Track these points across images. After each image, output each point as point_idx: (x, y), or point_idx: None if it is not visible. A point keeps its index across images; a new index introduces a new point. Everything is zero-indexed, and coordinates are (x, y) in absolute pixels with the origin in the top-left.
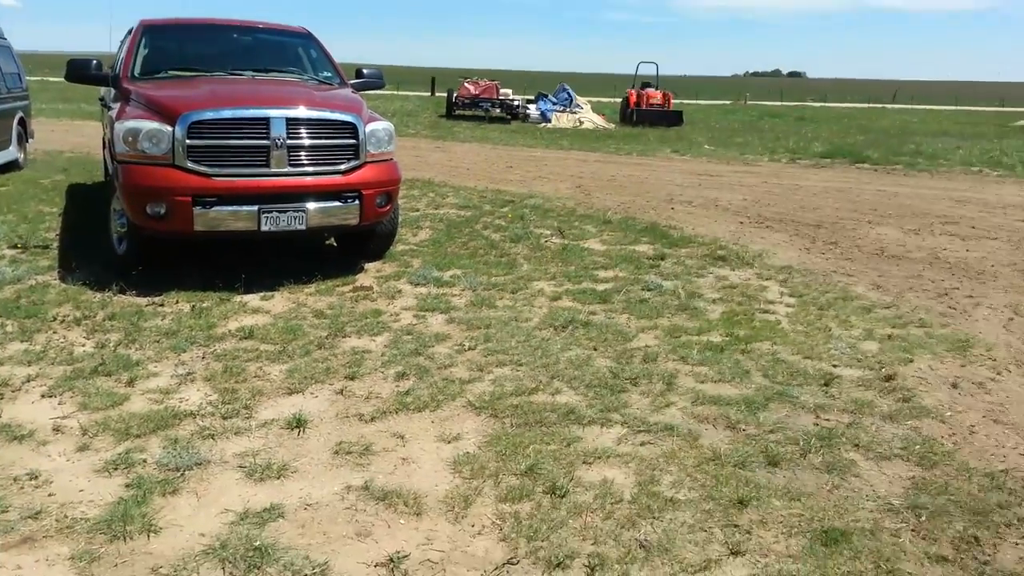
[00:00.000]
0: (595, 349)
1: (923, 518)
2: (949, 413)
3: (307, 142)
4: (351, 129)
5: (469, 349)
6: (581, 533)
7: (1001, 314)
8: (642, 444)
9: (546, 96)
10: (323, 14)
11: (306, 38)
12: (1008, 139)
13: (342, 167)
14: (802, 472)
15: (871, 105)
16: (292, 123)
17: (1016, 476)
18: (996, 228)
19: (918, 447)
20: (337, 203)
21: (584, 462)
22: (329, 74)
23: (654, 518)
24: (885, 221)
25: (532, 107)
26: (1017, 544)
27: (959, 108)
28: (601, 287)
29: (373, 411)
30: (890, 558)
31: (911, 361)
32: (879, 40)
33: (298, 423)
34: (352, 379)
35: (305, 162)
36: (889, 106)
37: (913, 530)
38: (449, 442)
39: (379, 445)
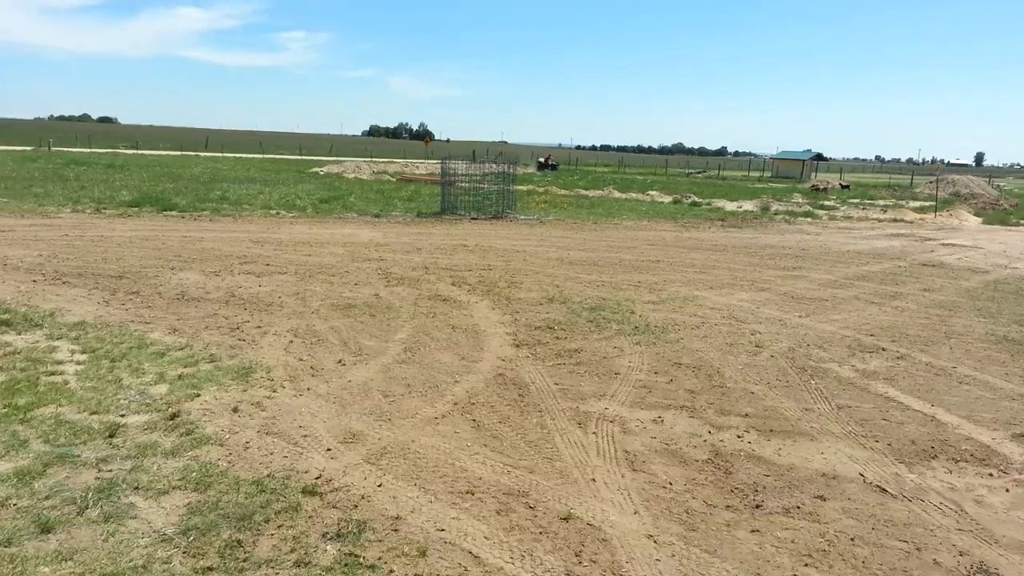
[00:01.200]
0: None
1: (192, 538)
2: (228, 436)
3: None
4: None
5: None
6: None
7: (284, 338)
8: None
9: None
10: None
11: None
12: (303, 184)
13: None
14: (78, 529)
15: (184, 152)
16: None
17: (277, 477)
18: (287, 263)
19: (195, 474)
20: None
21: None
22: None
23: None
24: (188, 266)
25: None
26: (272, 535)
27: (265, 156)
28: None
29: None
30: None
31: (198, 395)
32: (191, 88)
33: None
34: None
35: None
36: (202, 153)
37: (184, 552)
38: None
39: None
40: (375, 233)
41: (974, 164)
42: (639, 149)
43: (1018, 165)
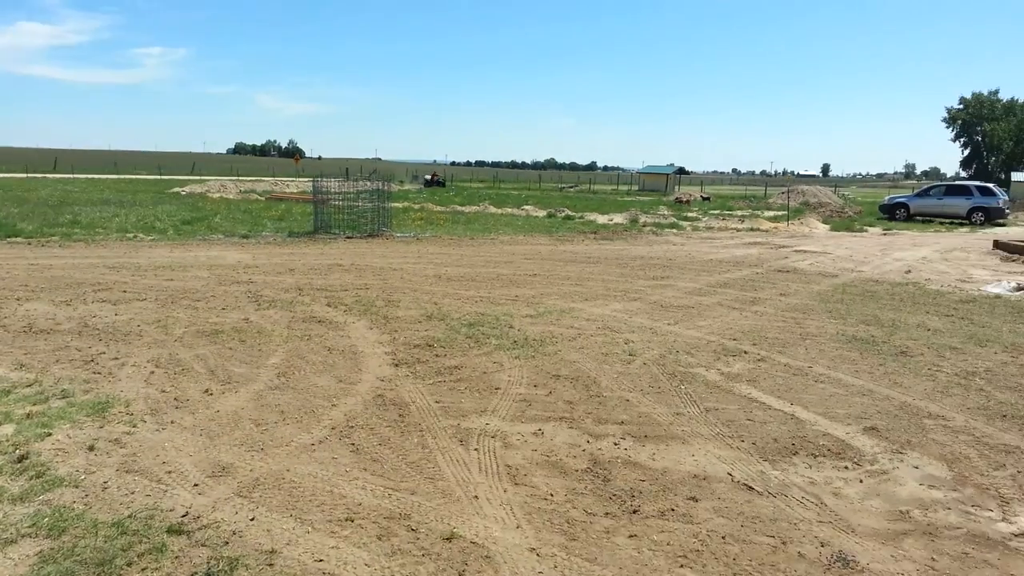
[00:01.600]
0: None
1: None
2: (84, 476)
3: None
4: None
5: None
6: None
7: (144, 369)
8: None
9: None
10: None
11: None
12: (164, 205)
13: None
14: None
15: (30, 175)
16: None
17: (140, 517)
18: (146, 289)
19: (47, 519)
20: None
21: None
22: None
23: None
24: (36, 296)
25: None
26: None
27: (121, 176)
28: None
29: None
30: None
31: (50, 435)
32: (36, 107)
33: None
34: None
35: None
36: (50, 175)
37: None
38: None
39: None
40: (243, 255)
41: (821, 174)
42: (513, 165)
43: (860, 175)
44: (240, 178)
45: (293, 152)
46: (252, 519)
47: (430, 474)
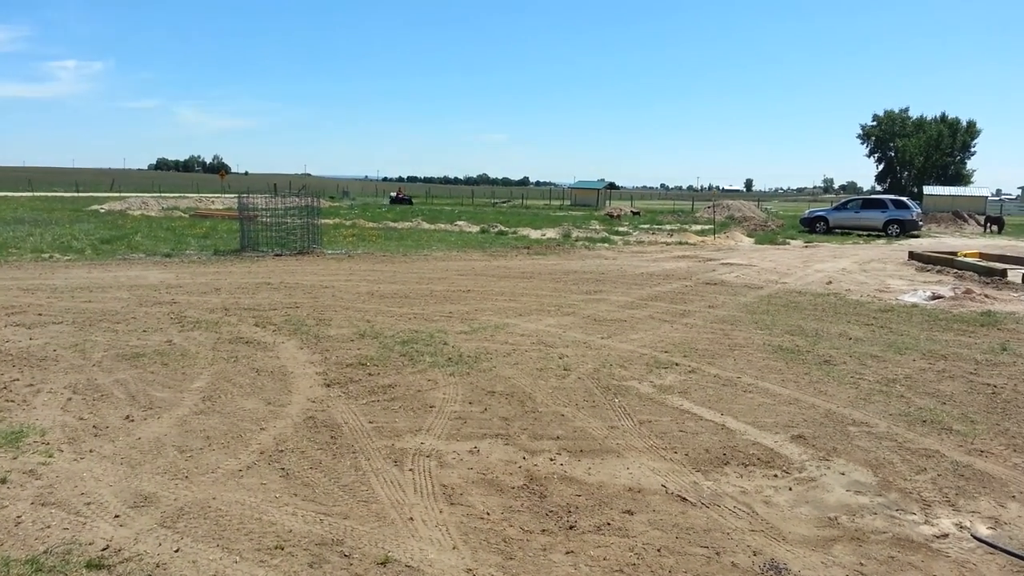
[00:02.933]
0: None
1: None
2: None
3: None
4: None
5: None
6: None
7: (61, 396)
8: None
9: None
10: None
11: None
12: (81, 223)
13: None
14: None
15: None
16: None
17: (56, 552)
18: (63, 312)
19: None
20: None
21: None
22: None
23: None
24: None
25: None
26: None
27: (36, 194)
28: None
29: None
30: None
31: None
32: None
33: None
34: None
35: None
36: None
37: None
38: None
39: None
40: (166, 274)
41: (745, 189)
42: (445, 180)
43: (781, 189)
44: (163, 195)
45: (218, 167)
46: (177, 550)
47: (364, 497)
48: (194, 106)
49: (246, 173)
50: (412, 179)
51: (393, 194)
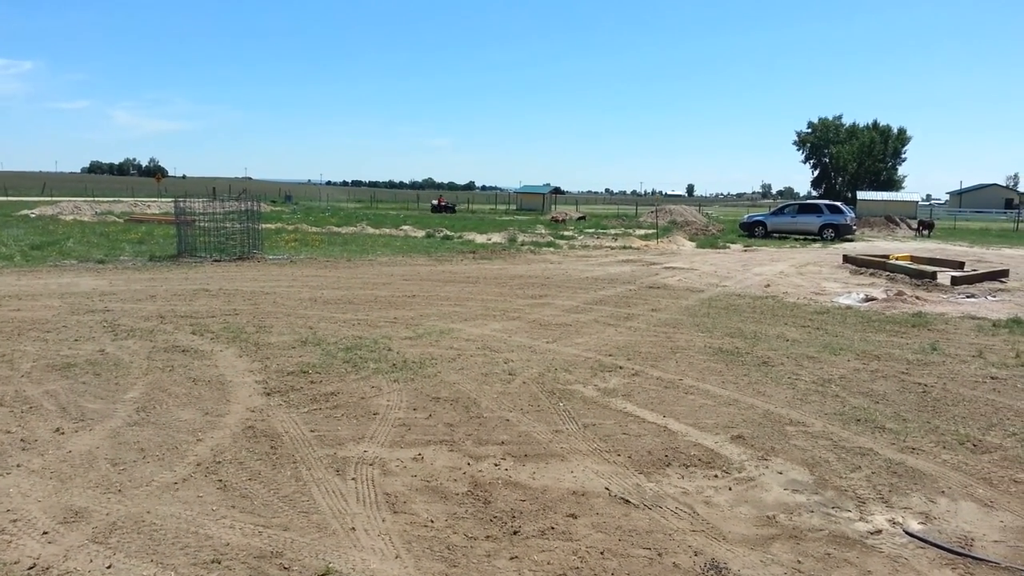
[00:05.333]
0: None
1: None
2: None
3: None
4: None
5: None
6: None
7: None
8: None
9: None
10: None
11: None
12: (10, 228)
13: None
14: None
15: None
16: None
17: None
18: None
19: None
20: None
21: None
22: None
23: None
24: None
25: None
26: None
27: None
28: None
29: None
30: None
31: None
32: None
33: None
34: None
35: None
36: None
37: None
38: None
39: None
40: (99, 281)
41: (687, 194)
42: (391, 184)
43: (722, 194)
44: (96, 199)
45: (154, 171)
46: (109, 567)
47: (304, 508)
48: (129, 108)
49: (184, 177)
50: (357, 183)
51: (435, 202)
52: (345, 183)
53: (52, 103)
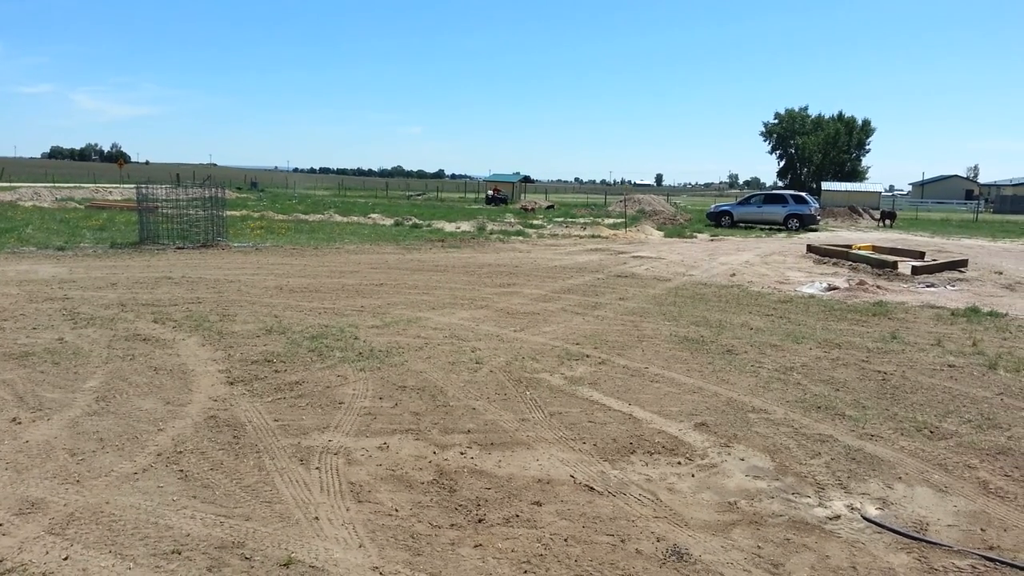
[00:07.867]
0: None
1: None
2: None
3: None
4: None
5: None
6: None
7: None
8: None
9: None
10: None
11: None
12: None
13: None
14: None
15: None
16: None
17: None
18: None
19: None
20: None
21: None
22: None
23: None
24: None
25: None
26: None
27: None
28: None
29: None
30: None
31: None
32: None
33: None
34: None
35: None
36: None
37: None
38: None
39: None
40: (59, 268)
41: (655, 184)
42: (359, 172)
43: (690, 184)
44: (56, 185)
45: (117, 156)
46: (65, 558)
47: (267, 498)
48: (91, 92)
49: (147, 163)
50: (325, 170)
51: (490, 192)
52: (313, 170)
53: (11, 87)
